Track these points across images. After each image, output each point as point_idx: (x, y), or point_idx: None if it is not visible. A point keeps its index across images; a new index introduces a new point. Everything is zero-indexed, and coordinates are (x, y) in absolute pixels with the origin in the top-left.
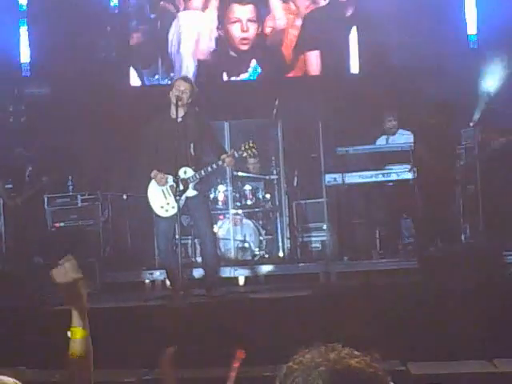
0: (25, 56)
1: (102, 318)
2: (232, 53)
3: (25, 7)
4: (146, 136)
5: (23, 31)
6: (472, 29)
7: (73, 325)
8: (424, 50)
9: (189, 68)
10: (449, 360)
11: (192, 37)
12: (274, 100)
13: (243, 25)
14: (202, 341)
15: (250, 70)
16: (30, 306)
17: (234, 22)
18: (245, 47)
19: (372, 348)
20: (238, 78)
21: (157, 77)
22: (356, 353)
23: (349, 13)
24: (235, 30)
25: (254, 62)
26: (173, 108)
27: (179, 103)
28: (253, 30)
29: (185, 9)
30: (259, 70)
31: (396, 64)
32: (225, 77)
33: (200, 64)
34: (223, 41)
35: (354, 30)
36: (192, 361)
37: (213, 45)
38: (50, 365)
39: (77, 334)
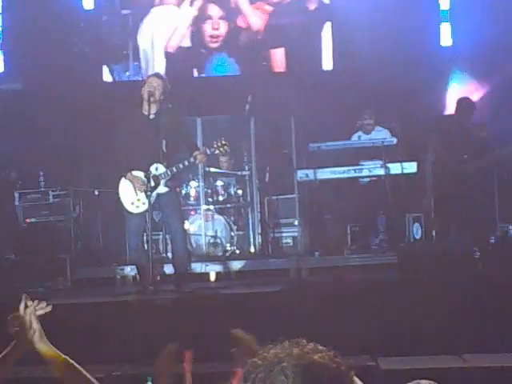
0: None
1: (73, 313)
2: (202, 50)
3: None
4: (118, 132)
5: None
6: (445, 26)
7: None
8: (397, 47)
9: (160, 64)
10: (419, 355)
11: (165, 32)
12: (247, 96)
13: (214, 22)
14: (172, 336)
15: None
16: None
17: (206, 19)
18: (215, 45)
19: (342, 343)
20: (208, 75)
21: (127, 73)
22: (320, 348)
23: (312, 7)
24: (207, 28)
25: (222, 59)
26: (145, 104)
27: (151, 99)
28: (224, 27)
29: (161, 3)
30: (226, 66)
31: (370, 60)
32: (195, 73)
33: (171, 60)
34: (195, 37)
35: (327, 26)
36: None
37: (186, 41)
38: (20, 361)
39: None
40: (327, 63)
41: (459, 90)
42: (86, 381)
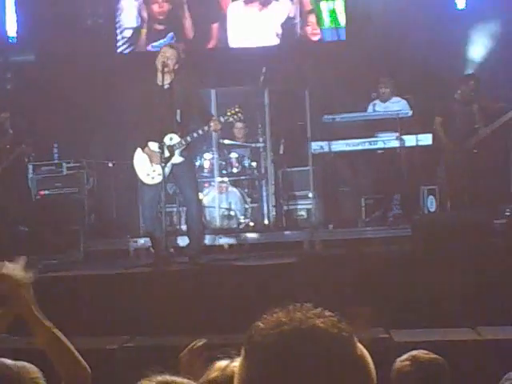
0: (11, 24)
1: (86, 285)
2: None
3: None
4: (132, 103)
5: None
6: None
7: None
8: (412, 13)
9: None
10: (432, 328)
11: None
12: (262, 68)
13: None
14: (186, 308)
15: None
16: None
17: None
18: None
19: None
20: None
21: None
22: (326, 313)
23: None
24: None
25: None
26: (159, 74)
27: (165, 69)
28: None
29: None
30: None
31: (384, 30)
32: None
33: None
34: None
35: None
36: (175, 328)
37: None
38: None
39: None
40: (342, 33)
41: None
42: (71, 355)
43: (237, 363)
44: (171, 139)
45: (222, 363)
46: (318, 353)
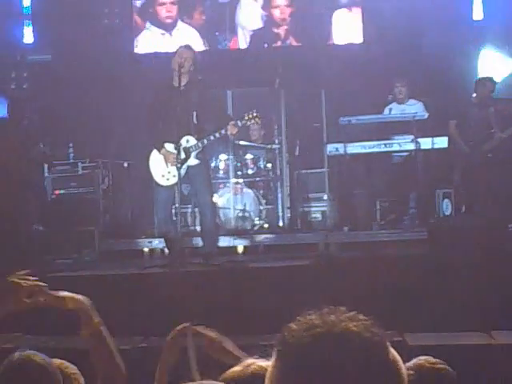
0: (27, 23)
1: (100, 285)
2: None
3: None
4: (148, 104)
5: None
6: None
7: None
8: (428, 18)
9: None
10: (446, 331)
11: None
12: (277, 69)
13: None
14: (199, 309)
15: None
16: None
17: None
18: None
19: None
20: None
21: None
22: (359, 317)
23: None
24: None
25: None
26: (175, 76)
27: (182, 70)
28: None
29: None
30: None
31: (400, 32)
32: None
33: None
34: None
35: None
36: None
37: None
38: (47, 331)
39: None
40: (358, 36)
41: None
42: (112, 354)
43: (261, 362)
44: (188, 141)
45: (249, 360)
46: (350, 356)
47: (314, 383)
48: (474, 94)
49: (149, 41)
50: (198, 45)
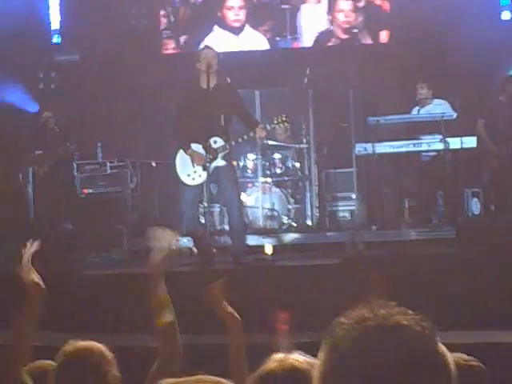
0: (55, 23)
1: (129, 283)
2: None
3: None
4: (176, 105)
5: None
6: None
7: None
8: (455, 17)
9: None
10: (475, 330)
11: None
12: (305, 69)
13: None
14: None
15: None
16: (61, 272)
17: None
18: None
19: None
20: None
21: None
22: (409, 311)
23: None
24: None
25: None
26: (203, 77)
27: (210, 71)
28: None
29: None
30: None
31: (427, 32)
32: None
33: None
34: None
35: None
36: (218, 327)
37: None
38: (77, 328)
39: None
40: (384, 35)
41: None
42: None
43: (295, 356)
44: (215, 142)
45: (279, 355)
46: (401, 349)
47: (365, 375)
48: (504, 93)
49: (215, 43)
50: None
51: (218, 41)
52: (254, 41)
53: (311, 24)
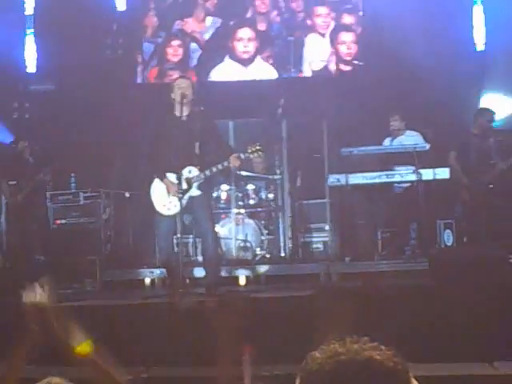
0: (30, 53)
1: (102, 315)
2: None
3: (31, 11)
4: (150, 134)
5: (29, 31)
6: (479, 32)
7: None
8: (428, 49)
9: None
10: (449, 362)
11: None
12: (280, 99)
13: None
14: (201, 339)
15: None
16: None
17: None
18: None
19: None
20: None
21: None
22: (381, 347)
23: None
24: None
25: None
26: (177, 106)
27: (184, 101)
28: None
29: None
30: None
31: (400, 64)
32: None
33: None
34: None
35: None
36: (191, 359)
37: None
38: (48, 361)
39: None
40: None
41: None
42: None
43: None
44: (190, 172)
45: None
46: (373, 383)
47: None
48: (475, 125)
49: (223, 73)
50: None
51: (227, 71)
52: (263, 71)
53: (314, 55)
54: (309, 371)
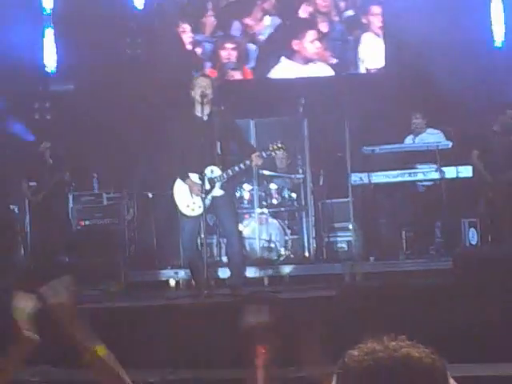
0: (50, 54)
1: (127, 316)
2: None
3: (49, 10)
4: (172, 134)
5: (48, 30)
6: (498, 29)
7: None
8: (449, 47)
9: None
10: (473, 362)
11: None
12: (301, 98)
13: None
14: (226, 340)
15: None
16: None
17: None
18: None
19: None
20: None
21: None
22: (418, 345)
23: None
24: None
25: None
26: (198, 106)
27: (205, 100)
28: None
29: None
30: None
31: (421, 62)
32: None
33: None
34: None
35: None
36: (217, 360)
37: None
38: (74, 363)
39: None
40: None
41: None
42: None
43: None
44: (212, 172)
45: None
46: (411, 380)
47: None
48: (497, 122)
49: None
50: None
51: (285, 70)
52: (320, 69)
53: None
54: (346, 368)
